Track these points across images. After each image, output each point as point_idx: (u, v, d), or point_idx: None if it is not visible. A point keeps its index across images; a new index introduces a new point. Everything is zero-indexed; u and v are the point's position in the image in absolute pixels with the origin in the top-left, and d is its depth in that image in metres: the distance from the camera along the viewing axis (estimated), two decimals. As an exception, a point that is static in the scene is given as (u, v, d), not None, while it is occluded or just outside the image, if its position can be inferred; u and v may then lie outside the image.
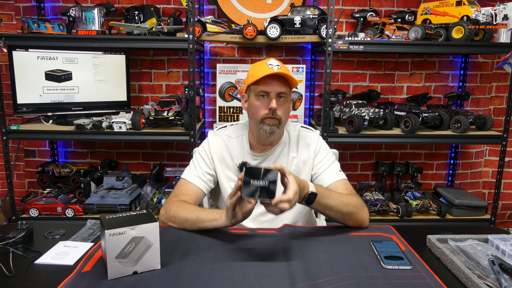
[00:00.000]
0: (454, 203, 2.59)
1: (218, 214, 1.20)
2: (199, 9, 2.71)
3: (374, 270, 1.01)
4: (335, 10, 2.31)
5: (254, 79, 1.34)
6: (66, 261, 1.06)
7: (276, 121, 1.35)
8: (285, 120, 1.40)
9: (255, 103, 1.37)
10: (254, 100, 1.38)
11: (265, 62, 1.35)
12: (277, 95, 1.35)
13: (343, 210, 1.24)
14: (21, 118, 2.69)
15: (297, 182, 1.09)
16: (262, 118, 1.36)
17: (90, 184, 2.56)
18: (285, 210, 1.04)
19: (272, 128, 1.35)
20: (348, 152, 2.97)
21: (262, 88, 1.34)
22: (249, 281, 0.95)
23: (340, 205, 1.23)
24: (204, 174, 1.45)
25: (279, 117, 1.36)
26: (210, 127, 2.89)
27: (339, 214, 1.24)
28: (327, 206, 1.22)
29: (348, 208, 1.24)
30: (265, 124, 1.35)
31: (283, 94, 1.35)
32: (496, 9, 2.24)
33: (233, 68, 2.61)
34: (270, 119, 1.35)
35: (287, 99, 1.38)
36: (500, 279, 0.95)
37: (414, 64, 2.86)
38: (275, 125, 1.36)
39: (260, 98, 1.36)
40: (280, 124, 1.37)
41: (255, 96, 1.37)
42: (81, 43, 2.30)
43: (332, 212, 1.24)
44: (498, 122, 2.72)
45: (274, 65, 1.33)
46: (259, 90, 1.35)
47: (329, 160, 1.46)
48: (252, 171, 1.02)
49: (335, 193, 1.26)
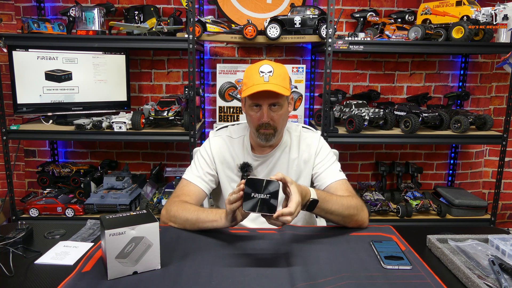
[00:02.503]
0: (454, 203, 2.59)
1: (217, 215, 1.20)
2: (199, 9, 2.71)
3: (374, 270, 1.01)
4: (335, 10, 2.31)
5: (245, 92, 1.33)
6: (66, 261, 1.06)
7: (271, 130, 1.36)
8: (281, 127, 1.39)
9: (249, 113, 1.37)
10: (248, 110, 1.38)
11: (258, 69, 1.31)
12: (269, 105, 1.34)
13: (344, 213, 1.24)
14: (21, 118, 2.69)
15: (299, 192, 1.08)
16: (256, 128, 1.36)
17: (90, 184, 2.56)
18: (287, 223, 1.04)
19: (267, 137, 1.37)
20: (348, 152, 2.97)
21: (253, 101, 1.34)
22: (249, 281, 0.95)
23: (341, 208, 1.23)
24: (205, 175, 1.45)
25: (273, 127, 1.35)
26: (210, 127, 2.89)
27: (340, 218, 1.25)
28: (328, 210, 1.22)
29: (349, 211, 1.25)
30: (261, 133, 1.36)
31: (275, 103, 1.34)
32: (496, 9, 2.24)
33: (233, 68, 2.61)
34: (265, 130, 1.35)
35: (282, 106, 1.35)
36: (500, 279, 0.95)
37: (414, 64, 2.86)
38: (271, 134, 1.36)
39: (253, 109, 1.36)
40: (276, 132, 1.37)
41: (248, 106, 1.37)
42: (81, 43, 2.30)
43: (333, 216, 1.24)
44: (498, 122, 2.72)
45: (266, 72, 1.30)
46: (251, 102, 1.35)
47: (330, 160, 1.46)
48: (253, 183, 1.02)
49: (335, 197, 1.26)
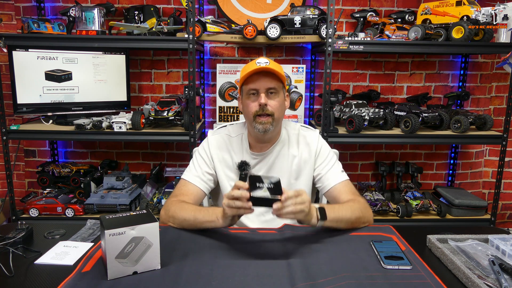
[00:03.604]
0: (454, 203, 2.59)
1: (215, 215, 1.20)
2: (199, 9, 2.71)
3: (374, 270, 1.01)
4: (335, 10, 2.31)
5: (242, 78, 1.36)
6: (66, 261, 1.06)
7: (268, 118, 1.36)
8: (278, 116, 1.39)
9: (246, 101, 1.39)
10: (245, 99, 1.40)
11: (254, 61, 1.36)
12: (266, 91, 1.36)
13: (351, 219, 1.25)
14: (21, 118, 2.69)
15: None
16: (254, 116, 1.37)
17: (90, 184, 2.56)
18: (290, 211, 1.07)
19: (265, 126, 1.36)
20: (348, 152, 2.97)
21: (251, 86, 1.36)
22: (249, 281, 0.95)
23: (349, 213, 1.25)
24: (204, 174, 1.45)
25: (270, 113, 1.36)
26: (210, 127, 2.88)
27: (349, 223, 1.26)
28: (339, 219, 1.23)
29: (356, 215, 1.26)
30: (258, 122, 1.36)
31: (272, 90, 1.36)
32: (496, 9, 2.24)
33: (233, 68, 2.61)
34: (262, 117, 1.36)
35: (278, 93, 1.38)
36: (500, 279, 0.95)
37: (414, 64, 2.86)
38: (268, 123, 1.36)
39: (251, 97, 1.38)
40: (274, 120, 1.37)
41: (246, 95, 1.39)
42: (81, 43, 2.30)
43: (344, 223, 1.25)
44: (498, 122, 2.72)
45: (263, 62, 1.34)
46: (249, 89, 1.37)
47: (331, 161, 1.47)
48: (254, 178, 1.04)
49: (338, 206, 1.28)
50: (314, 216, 1.16)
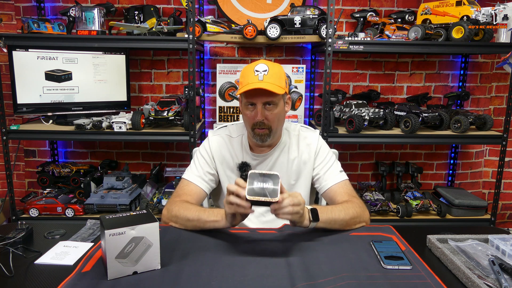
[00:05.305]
0: (454, 203, 2.59)
1: (219, 215, 1.20)
2: (199, 9, 2.71)
3: (374, 270, 1.01)
4: (335, 10, 2.31)
5: (239, 90, 1.34)
6: (66, 261, 1.06)
7: (266, 130, 1.35)
8: (276, 126, 1.38)
9: (245, 112, 1.37)
10: (244, 109, 1.38)
11: (253, 68, 1.32)
12: (264, 104, 1.33)
13: (345, 219, 1.25)
14: (21, 118, 2.69)
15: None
16: (252, 128, 1.36)
17: (90, 184, 2.56)
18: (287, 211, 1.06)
19: (262, 137, 1.37)
20: (348, 152, 2.97)
21: (248, 100, 1.34)
22: (249, 281, 0.95)
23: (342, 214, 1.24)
24: (206, 174, 1.45)
25: (268, 126, 1.35)
26: (210, 127, 2.88)
27: (343, 225, 1.25)
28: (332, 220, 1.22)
29: (350, 215, 1.26)
30: (256, 134, 1.36)
31: (270, 102, 1.33)
32: (496, 9, 2.24)
33: (233, 68, 2.61)
34: (259, 130, 1.35)
35: (276, 105, 1.35)
36: (500, 279, 0.95)
37: (414, 64, 2.86)
38: (266, 135, 1.36)
39: (248, 107, 1.36)
40: (271, 131, 1.37)
41: (244, 105, 1.37)
42: (81, 43, 2.30)
43: (337, 224, 1.24)
44: (498, 122, 2.72)
45: (261, 71, 1.30)
46: (246, 101, 1.35)
47: (330, 161, 1.46)
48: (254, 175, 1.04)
49: (331, 207, 1.27)
50: (306, 218, 1.16)
